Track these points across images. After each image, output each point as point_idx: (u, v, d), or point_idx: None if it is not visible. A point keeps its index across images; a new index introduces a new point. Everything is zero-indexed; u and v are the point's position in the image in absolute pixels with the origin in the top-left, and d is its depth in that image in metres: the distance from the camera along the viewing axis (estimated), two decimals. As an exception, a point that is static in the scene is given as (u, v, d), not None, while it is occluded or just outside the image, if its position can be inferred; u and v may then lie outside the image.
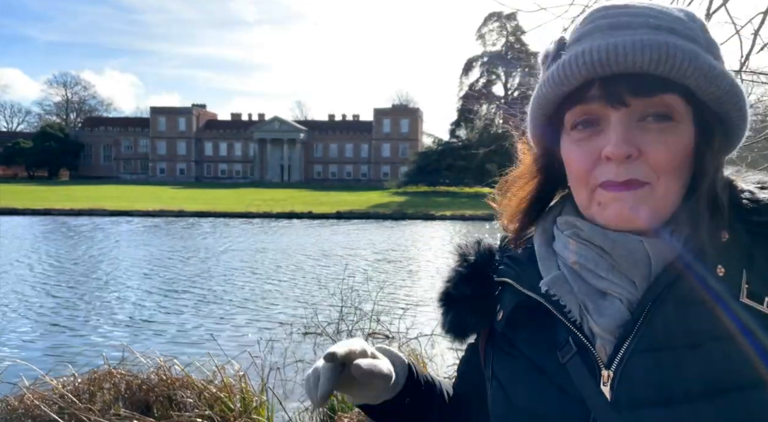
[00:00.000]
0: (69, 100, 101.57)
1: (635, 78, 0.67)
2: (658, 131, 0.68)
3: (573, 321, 0.72)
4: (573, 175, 0.75)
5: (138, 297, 11.30)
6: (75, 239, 21.69)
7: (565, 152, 0.76)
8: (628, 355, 0.68)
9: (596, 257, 0.72)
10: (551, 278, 0.75)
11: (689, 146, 0.70)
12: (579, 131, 0.73)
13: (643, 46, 0.66)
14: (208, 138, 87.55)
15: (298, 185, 75.64)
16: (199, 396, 4.29)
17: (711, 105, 0.70)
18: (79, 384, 4.40)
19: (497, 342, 0.83)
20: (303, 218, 33.35)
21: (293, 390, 5.22)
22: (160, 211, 34.23)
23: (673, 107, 0.69)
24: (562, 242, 0.77)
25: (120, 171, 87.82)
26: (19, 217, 31.11)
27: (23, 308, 10.24)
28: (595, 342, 0.71)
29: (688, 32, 0.70)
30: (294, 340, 7.58)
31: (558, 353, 0.73)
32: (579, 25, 0.74)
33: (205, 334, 8.12)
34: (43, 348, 7.75)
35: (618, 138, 0.68)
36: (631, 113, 0.69)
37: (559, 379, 0.72)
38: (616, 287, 0.71)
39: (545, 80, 0.74)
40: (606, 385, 0.68)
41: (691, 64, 0.66)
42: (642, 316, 0.69)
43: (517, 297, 0.79)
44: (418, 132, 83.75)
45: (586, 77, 0.69)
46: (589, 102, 0.70)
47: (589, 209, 0.74)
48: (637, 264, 0.70)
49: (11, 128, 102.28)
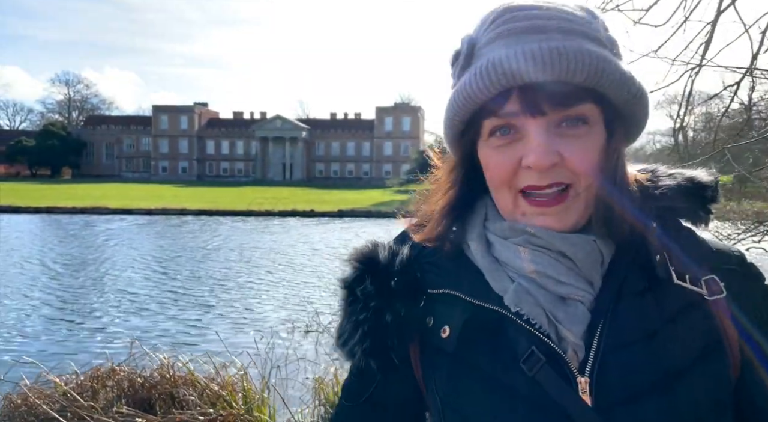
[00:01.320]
0: (71, 99, 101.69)
1: (553, 87, 0.67)
2: (575, 136, 0.69)
3: (542, 331, 0.70)
4: (495, 181, 0.74)
5: (139, 295, 11.32)
6: (77, 238, 21.72)
7: (484, 159, 0.75)
8: (600, 357, 0.68)
9: (554, 263, 0.71)
10: (514, 293, 0.72)
11: (602, 146, 0.71)
12: (498, 138, 0.72)
13: (560, 54, 0.65)
14: (210, 136, 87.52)
15: (299, 183, 75.64)
16: (201, 394, 4.30)
17: (620, 107, 0.72)
18: (82, 382, 4.41)
19: (440, 362, 0.75)
20: (305, 217, 33.35)
21: (295, 388, 5.23)
22: (162, 209, 34.25)
23: (587, 113, 0.70)
24: (510, 251, 0.74)
25: (122, 169, 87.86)
26: (21, 215, 31.15)
27: (26, 305, 10.27)
28: (566, 350, 0.69)
29: (595, 34, 0.70)
30: (295, 338, 7.59)
31: (522, 365, 0.69)
32: (488, 25, 0.72)
33: (207, 332, 8.14)
34: (45, 346, 7.78)
35: (540, 148, 0.68)
36: (548, 120, 0.69)
37: (527, 393, 0.69)
38: (576, 291, 0.71)
39: (460, 89, 0.72)
40: (584, 392, 0.67)
41: (605, 73, 0.67)
42: (605, 316, 0.69)
43: (465, 310, 0.74)
44: (420, 130, 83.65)
45: (504, 87, 0.68)
46: (507, 111, 0.69)
47: (513, 215, 0.74)
48: (594, 264, 0.72)
49: (14, 126, 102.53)
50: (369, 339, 0.76)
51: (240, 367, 4.78)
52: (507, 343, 0.71)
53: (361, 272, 0.78)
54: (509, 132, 0.71)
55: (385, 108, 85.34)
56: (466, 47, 0.74)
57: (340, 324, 0.79)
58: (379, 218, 33.63)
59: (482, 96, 0.70)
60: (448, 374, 0.75)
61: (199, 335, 8.29)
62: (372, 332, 0.76)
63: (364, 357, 0.76)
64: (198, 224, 27.91)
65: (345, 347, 0.78)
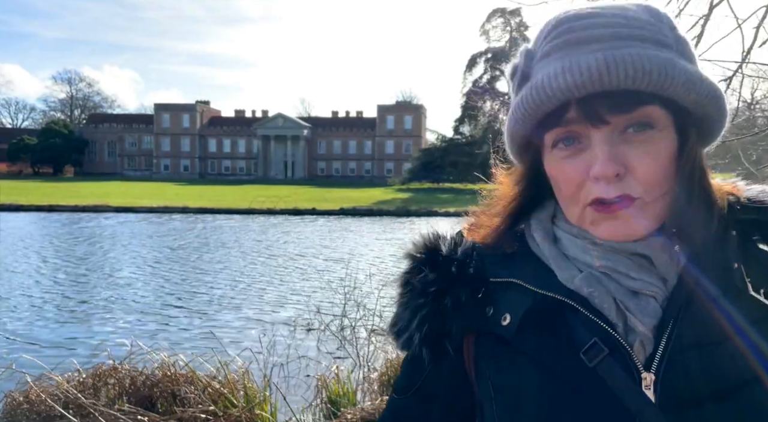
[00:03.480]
0: (73, 97, 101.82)
1: (612, 95, 0.65)
2: (641, 142, 0.67)
3: (607, 322, 0.69)
4: (563, 193, 0.73)
5: (142, 293, 11.33)
6: (80, 236, 21.76)
7: (550, 171, 0.74)
8: (668, 355, 0.66)
9: (625, 260, 0.71)
10: (584, 278, 0.71)
11: (673, 151, 0.69)
12: (561, 149, 0.71)
13: (616, 63, 0.64)
14: (212, 135, 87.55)
15: (301, 181, 75.65)
16: (202, 391, 4.30)
17: (691, 109, 0.70)
18: (84, 379, 4.42)
19: (494, 352, 0.76)
20: (306, 215, 33.36)
21: (296, 385, 5.23)
22: (164, 207, 34.29)
23: (653, 117, 0.68)
24: (578, 248, 0.74)
25: (124, 168, 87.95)
26: (23, 213, 31.21)
27: (28, 303, 10.29)
28: (633, 343, 0.68)
29: (658, 37, 0.68)
30: (297, 337, 7.59)
31: (583, 356, 0.68)
32: (545, 37, 0.71)
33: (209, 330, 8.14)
34: (47, 344, 7.79)
35: (604, 157, 0.66)
36: (612, 128, 0.67)
37: (586, 385, 0.67)
38: (649, 286, 0.69)
39: (519, 103, 0.71)
40: (648, 388, 0.66)
41: (668, 76, 0.65)
42: (677, 314, 0.68)
43: (527, 299, 0.74)
44: (422, 129, 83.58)
45: (561, 100, 0.67)
46: (568, 124, 0.69)
47: (581, 225, 0.73)
48: (671, 263, 0.70)
49: (16, 124, 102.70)
50: (427, 323, 0.76)
51: (241, 365, 4.78)
52: (569, 333, 0.70)
53: (420, 264, 0.79)
54: (573, 143, 0.70)
55: (387, 106, 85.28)
56: (524, 61, 0.73)
57: (396, 313, 0.80)
58: (380, 216, 33.63)
59: (540, 112, 0.69)
60: (505, 362, 0.74)
61: (201, 333, 8.29)
62: (430, 317, 0.76)
63: (420, 345, 0.77)
64: (199, 222, 27.93)
65: (401, 335, 0.78)
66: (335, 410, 4.42)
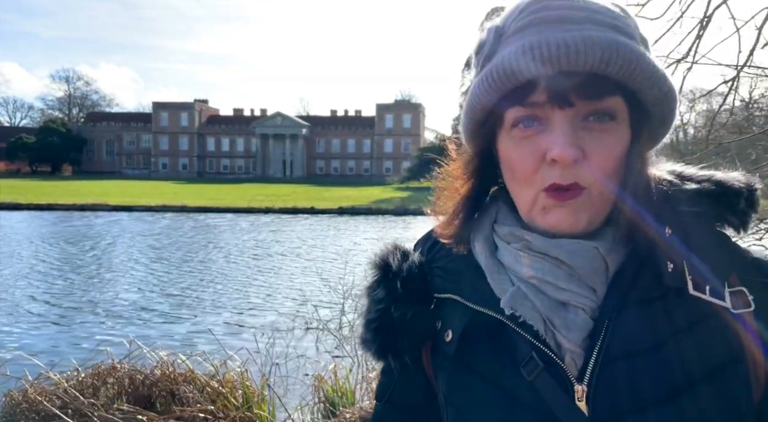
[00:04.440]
0: (71, 96, 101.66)
1: (582, 78, 0.64)
2: (600, 131, 0.67)
3: (539, 337, 0.69)
4: (516, 175, 0.71)
5: (140, 293, 11.33)
6: (77, 235, 21.73)
7: (504, 151, 0.71)
8: (600, 366, 0.66)
9: (553, 269, 0.69)
10: (510, 297, 0.70)
11: (626, 146, 0.69)
12: (521, 129, 0.68)
13: (593, 43, 0.62)
14: (211, 133, 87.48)
15: (300, 180, 75.64)
16: (201, 391, 4.31)
17: (648, 105, 0.69)
18: (83, 379, 4.42)
19: (444, 364, 0.76)
20: (305, 214, 33.36)
21: (295, 385, 5.24)
22: (162, 206, 34.27)
23: (615, 108, 0.67)
24: (511, 255, 0.73)
25: (122, 166, 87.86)
26: (21, 212, 31.15)
27: (26, 303, 10.28)
28: (564, 357, 0.68)
29: (628, 30, 0.68)
30: (295, 336, 7.59)
31: (522, 370, 0.68)
32: (518, 14, 0.69)
33: (207, 330, 8.15)
34: (46, 343, 7.78)
35: (566, 140, 0.65)
36: (575, 113, 0.66)
37: (527, 398, 0.68)
38: (578, 298, 0.68)
39: (485, 76, 0.69)
40: (581, 400, 0.65)
41: (638, 66, 0.64)
42: (607, 324, 0.67)
43: (467, 315, 0.74)
44: (421, 127, 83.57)
45: (535, 74, 0.64)
46: (534, 102, 0.67)
47: (530, 212, 0.71)
48: (597, 271, 0.69)
49: (14, 122, 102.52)
50: (380, 338, 0.79)
51: (240, 364, 4.79)
52: (508, 347, 0.71)
53: (378, 278, 0.81)
54: (533, 124, 0.67)
55: (386, 105, 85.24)
56: (493, 36, 0.70)
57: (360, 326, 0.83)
58: (379, 215, 33.64)
59: (508, 84, 0.66)
60: (450, 376, 0.76)
61: (199, 332, 8.29)
62: (382, 331, 0.78)
63: (380, 356, 0.80)
64: (198, 221, 27.91)
65: (364, 346, 0.81)
66: (333, 409, 4.43)
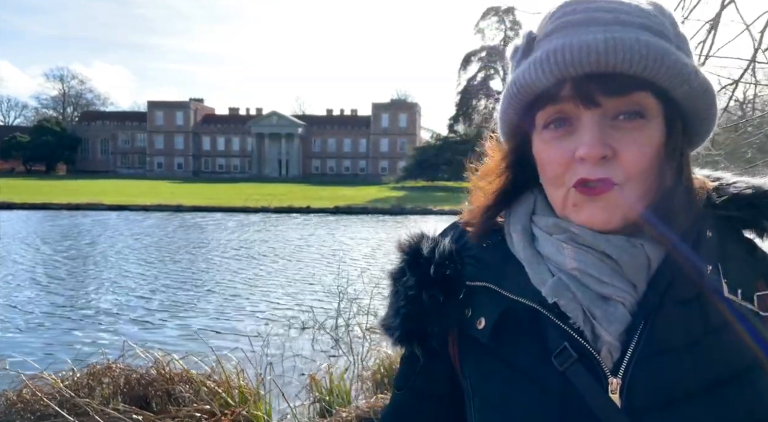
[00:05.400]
0: (66, 95, 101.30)
1: (607, 77, 0.66)
2: (630, 129, 0.68)
3: (576, 328, 0.69)
4: (547, 175, 0.73)
5: (137, 292, 11.30)
6: (72, 234, 21.65)
7: (537, 152, 0.74)
8: (635, 361, 0.67)
9: (597, 263, 0.70)
10: (553, 285, 0.71)
11: (660, 143, 0.70)
12: (551, 131, 0.71)
13: (615, 44, 0.64)
14: (206, 133, 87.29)
15: (296, 179, 75.58)
16: (197, 390, 4.30)
17: (681, 102, 0.70)
18: (78, 379, 4.41)
19: (473, 352, 0.77)
20: (301, 213, 33.32)
21: (291, 384, 5.24)
22: (157, 205, 34.16)
23: (645, 105, 0.68)
24: (553, 246, 0.74)
25: (117, 165, 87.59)
26: (15, 211, 31.00)
27: (21, 302, 10.24)
28: (600, 349, 0.68)
29: (659, 28, 0.69)
30: (291, 335, 7.59)
31: (554, 360, 0.69)
32: (548, 19, 0.72)
33: (203, 329, 8.14)
34: (41, 343, 7.76)
35: (592, 139, 0.67)
36: (603, 112, 0.68)
37: (557, 388, 0.69)
38: (619, 292, 0.70)
39: (516, 79, 0.72)
40: (614, 393, 0.66)
41: (663, 63, 0.66)
42: (646, 320, 0.68)
43: (501, 304, 0.75)
44: (417, 127, 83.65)
45: (558, 77, 0.67)
46: (561, 102, 0.69)
47: (564, 210, 0.73)
48: (640, 268, 0.70)
49: (8, 121, 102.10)
50: (409, 323, 0.78)
51: (236, 364, 4.79)
52: (541, 337, 0.71)
53: (405, 265, 0.80)
54: (563, 125, 0.70)
55: (382, 104, 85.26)
56: (525, 40, 0.73)
57: (386, 313, 0.82)
58: (375, 214, 33.63)
59: (535, 87, 0.69)
60: (480, 363, 0.76)
61: (196, 331, 8.27)
62: (411, 317, 0.78)
63: (404, 342, 0.79)
64: (193, 220, 27.84)
65: (389, 332, 0.80)
66: (330, 408, 4.43)
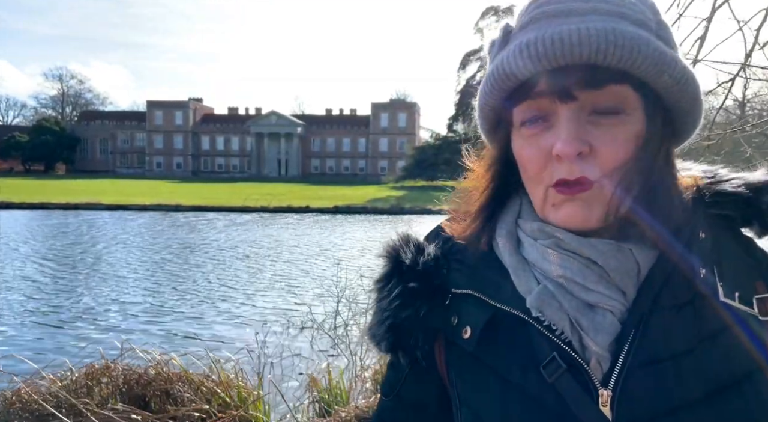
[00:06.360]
0: (65, 94, 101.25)
1: (583, 70, 0.63)
2: (608, 125, 0.65)
3: (563, 338, 0.67)
4: (527, 174, 0.71)
5: (134, 292, 11.29)
6: (70, 234, 21.63)
7: (516, 150, 0.72)
8: (626, 371, 0.64)
9: (583, 269, 0.67)
10: (537, 296, 0.68)
11: (641, 138, 0.66)
12: (528, 128, 0.68)
13: (588, 35, 0.61)
14: (205, 132, 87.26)
15: (295, 179, 75.59)
16: (196, 390, 4.29)
17: (663, 95, 0.67)
18: (77, 378, 4.40)
19: (460, 361, 0.74)
20: (300, 213, 33.30)
21: (290, 384, 5.23)
22: (157, 205, 34.14)
23: (623, 98, 0.65)
24: (538, 252, 0.71)
25: (116, 165, 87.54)
26: (14, 211, 30.96)
27: (17, 303, 10.22)
28: (589, 360, 0.65)
29: (638, 16, 0.66)
30: (290, 335, 7.58)
31: (543, 371, 0.66)
32: (524, 11, 0.69)
33: (201, 329, 8.14)
34: (39, 343, 7.74)
35: (568, 135, 0.64)
36: (580, 106, 0.65)
37: (547, 399, 0.66)
38: (607, 300, 0.66)
39: (489, 74, 0.69)
40: (605, 405, 0.63)
41: (640, 53, 0.62)
42: (637, 328, 0.65)
43: (486, 312, 0.72)
44: (416, 127, 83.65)
45: (532, 71, 0.64)
46: (536, 97, 0.66)
47: (543, 210, 0.70)
48: (628, 274, 0.67)
49: (7, 121, 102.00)
50: (392, 334, 0.76)
51: (235, 364, 4.78)
52: (528, 347, 0.68)
53: (389, 271, 0.79)
54: (540, 121, 0.67)
55: (381, 104, 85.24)
56: (502, 34, 0.71)
57: (371, 321, 0.80)
58: (374, 214, 33.64)
59: (509, 82, 0.67)
60: (466, 372, 0.73)
61: (194, 332, 8.27)
62: (395, 326, 0.76)
63: (390, 352, 0.78)
64: (193, 220, 27.83)
65: (373, 341, 0.79)
66: (328, 408, 4.42)
